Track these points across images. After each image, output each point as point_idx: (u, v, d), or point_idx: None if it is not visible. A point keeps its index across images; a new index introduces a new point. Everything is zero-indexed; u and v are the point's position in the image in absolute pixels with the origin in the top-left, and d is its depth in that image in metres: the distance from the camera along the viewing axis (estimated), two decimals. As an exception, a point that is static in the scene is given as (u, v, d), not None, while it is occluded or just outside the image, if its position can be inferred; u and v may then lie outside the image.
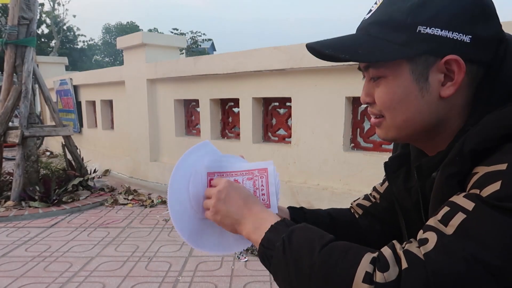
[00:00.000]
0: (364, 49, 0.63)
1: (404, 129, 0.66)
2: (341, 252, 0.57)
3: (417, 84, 0.62)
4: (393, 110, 0.65)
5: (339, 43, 0.66)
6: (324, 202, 2.88)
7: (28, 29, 3.73)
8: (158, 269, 2.29)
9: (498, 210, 0.48)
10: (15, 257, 2.48)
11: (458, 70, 0.59)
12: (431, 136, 0.67)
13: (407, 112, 0.64)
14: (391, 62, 0.62)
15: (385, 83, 0.64)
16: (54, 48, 23.47)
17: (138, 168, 4.70)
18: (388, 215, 0.87)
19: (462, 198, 0.53)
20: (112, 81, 5.11)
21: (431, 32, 0.58)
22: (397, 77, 0.63)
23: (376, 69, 0.65)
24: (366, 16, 0.67)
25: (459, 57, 0.58)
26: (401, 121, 0.65)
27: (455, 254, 0.48)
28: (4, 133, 3.72)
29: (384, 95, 0.65)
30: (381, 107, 0.66)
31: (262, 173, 0.83)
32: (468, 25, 0.58)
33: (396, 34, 0.60)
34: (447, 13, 0.58)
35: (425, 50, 0.59)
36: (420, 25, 0.59)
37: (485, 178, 0.52)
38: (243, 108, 3.52)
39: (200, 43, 34.07)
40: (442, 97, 0.62)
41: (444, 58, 0.59)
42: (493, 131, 0.55)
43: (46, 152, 7.22)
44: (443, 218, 0.53)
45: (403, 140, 0.71)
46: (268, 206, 0.81)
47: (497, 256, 0.46)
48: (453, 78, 0.60)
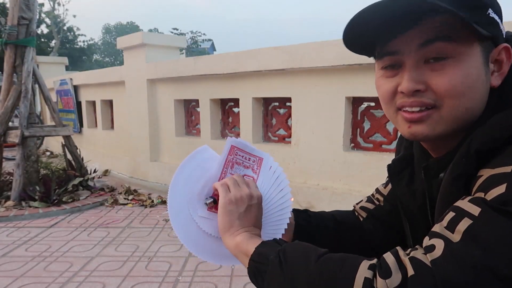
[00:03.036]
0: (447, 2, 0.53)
1: (460, 121, 0.59)
2: (338, 261, 0.56)
3: (484, 68, 0.58)
4: (461, 96, 0.57)
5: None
6: (324, 202, 2.88)
7: (27, 29, 3.73)
8: (158, 269, 2.29)
9: (504, 214, 0.47)
10: (15, 257, 2.48)
11: (507, 60, 0.59)
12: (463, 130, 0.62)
13: (473, 99, 0.58)
14: (465, 39, 0.56)
15: (454, 64, 0.57)
16: (54, 48, 23.46)
17: (138, 168, 4.70)
18: (392, 218, 0.86)
19: (467, 203, 0.52)
20: (112, 81, 5.11)
21: (494, 17, 0.58)
22: (471, 57, 0.57)
23: (448, 44, 0.56)
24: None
25: (510, 47, 0.58)
26: (463, 110, 0.58)
27: (463, 261, 0.47)
28: (4, 133, 3.72)
29: (454, 78, 0.57)
30: (445, 93, 0.58)
31: (258, 164, 0.83)
32: (501, 18, 0.59)
33: (472, 11, 0.55)
34: (497, 3, 0.59)
35: (493, 33, 0.57)
36: (491, 8, 0.57)
37: (490, 181, 0.51)
38: (243, 108, 3.52)
39: (200, 43, 34.07)
40: (493, 87, 0.60)
41: (500, 46, 0.59)
42: (498, 131, 0.54)
43: (46, 152, 7.22)
44: (449, 224, 0.52)
45: (444, 137, 0.62)
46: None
47: (505, 262, 0.45)
48: (501, 67, 0.60)
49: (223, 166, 0.80)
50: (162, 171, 4.36)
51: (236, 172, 0.81)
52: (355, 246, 0.89)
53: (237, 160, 0.81)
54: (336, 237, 0.88)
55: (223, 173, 0.80)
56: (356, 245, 0.89)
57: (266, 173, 0.84)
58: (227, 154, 0.81)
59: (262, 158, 0.84)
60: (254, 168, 0.83)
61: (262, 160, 0.84)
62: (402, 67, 0.61)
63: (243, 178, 0.78)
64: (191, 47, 32.13)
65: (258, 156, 0.84)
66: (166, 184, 4.20)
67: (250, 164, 0.83)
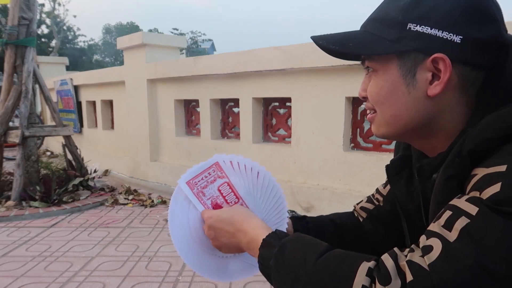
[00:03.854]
0: (355, 43, 0.65)
1: (393, 125, 0.67)
2: (335, 266, 0.56)
3: (404, 80, 0.63)
4: (381, 104, 0.66)
5: (335, 37, 0.68)
6: (324, 202, 2.88)
7: (28, 29, 3.73)
8: (158, 269, 2.29)
9: (500, 214, 0.47)
10: (16, 256, 2.48)
11: (444, 69, 0.59)
12: (424, 136, 0.67)
13: (394, 107, 0.65)
14: (382, 57, 0.64)
15: (375, 77, 0.66)
16: (54, 48, 23.45)
17: (138, 168, 4.70)
18: (392, 218, 0.86)
19: (464, 202, 0.52)
20: (112, 81, 5.11)
21: (420, 30, 0.59)
22: (386, 71, 0.64)
23: (370, 62, 0.67)
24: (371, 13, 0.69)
25: (446, 56, 0.58)
26: (389, 116, 0.66)
27: (459, 262, 0.47)
28: (4, 133, 3.72)
29: (373, 89, 0.67)
30: (371, 100, 0.68)
31: (218, 170, 0.83)
32: (459, 25, 0.58)
33: (389, 30, 0.62)
34: (438, 12, 0.59)
35: (414, 47, 0.60)
36: (411, 23, 0.60)
37: (485, 180, 0.51)
38: (243, 108, 3.52)
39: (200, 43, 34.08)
40: (429, 96, 0.62)
41: (431, 56, 0.59)
42: (492, 132, 0.54)
43: (47, 152, 7.23)
44: (447, 222, 0.52)
45: (394, 137, 0.71)
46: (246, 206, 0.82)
47: (502, 262, 0.46)
48: (440, 77, 0.60)
49: (199, 202, 0.82)
50: (162, 171, 4.36)
51: (209, 193, 0.82)
52: (356, 248, 0.89)
53: (201, 186, 0.82)
54: (336, 240, 0.88)
55: (204, 206, 0.82)
56: (358, 247, 0.89)
57: (236, 172, 0.84)
58: (191, 193, 0.82)
59: (216, 162, 0.83)
60: (219, 175, 0.83)
61: (217, 163, 0.83)
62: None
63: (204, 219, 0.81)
64: (191, 47, 32.14)
65: (211, 164, 0.83)
66: (166, 184, 4.20)
67: (213, 175, 0.83)
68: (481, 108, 0.60)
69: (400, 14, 0.61)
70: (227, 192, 0.82)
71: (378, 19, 0.65)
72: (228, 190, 0.82)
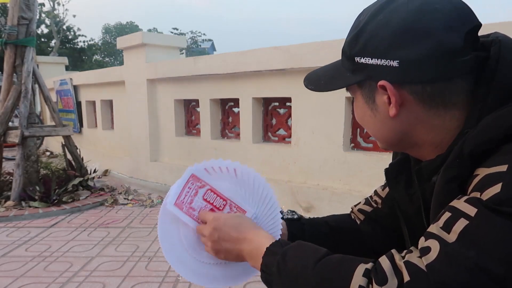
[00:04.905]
0: (325, 79, 0.73)
1: (381, 141, 0.74)
2: (333, 269, 0.57)
3: (368, 105, 0.68)
4: (363, 126, 0.74)
5: (317, 74, 0.77)
6: (324, 202, 2.88)
7: (27, 29, 3.73)
8: (158, 269, 2.29)
9: (500, 215, 0.47)
10: (15, 257, 2.48)
11: (391, 93, 0.62)
12: (410, 147, 0.70)
13: (370, 129, 0.72)
14: (351, 86, 0.70)
15: (354, 103, 0.73)
16: (54, 48, 23.43)
17: (138, 168, 4.70)
18: (390, 220, 0.86)
19: (463, 203, 0.52)
20: (112, 81, 5.11)
21: (364, 62, 0.64)
22: (356, 98, 0.71)
23: (349, 90, 0.73)
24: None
25: (387, 82, 0.61)
26: (373, 135, 0.73)
27: (458, 263, 0.47)
28: (4, 133, 3.71)
29: (355, 113, 0.75)
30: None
31: (196, 181, 0.83)
32: (392, 50, 0.60)
33: (347, 62, 0.68)
34: (374, 42, 0.62)
35: (364, 77, 0.65)
36: (356, 56, 0.65)
37: (486, 180, 0.51)
38: (243, 108, 3.52)
39: (200, 43, 34.07)
40: (392, 117, 0.65)
41: (378, 84, 0.63)
42: (492, 132, 0.54)
43: (46, 152, 7.22)
44: (445, 224, 0.52)
45: (390, 149, 0.76)
46: (244, 211, 0.83)
47: (500, 263, 0.45)
48: (391, 100, 0.63)
49: (192, 219, 0.82)
50: (162, 171, 4.36)
51: (197, 206, 0.82)
52: (354, 250, 0.89)
53: (188, 202, 0.82)
54: (332, 243, 0.88)
55: (198, 221, 0.83)
56: (355, 249, 0.89)
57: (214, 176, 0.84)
58: (182, 213, 0.82)
59: (191, 175, 0.83)
60: (199, 185, 0.83)
61: (193, 175, 0.83)
62: None
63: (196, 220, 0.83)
64: (191, 47, 32.14)
65: (187, 178, 0.83)
66: (166, 184, 4.20)
67: (193, 188, 0.83)
68: (477, 110, 0.60)
69: (348, 49, 0.67)
70: (213, 198, 0.83)
71: (342, 51, 0.70)
72: (213, 196, 0.83)
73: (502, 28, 0.76)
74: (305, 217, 0.96)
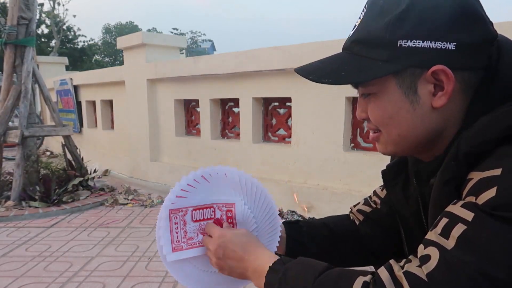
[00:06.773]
0: (347, 71, 0.63)
1: (401, 144, 0.65)
2: (332, 284, 0.57)
3: (407, 98, 0.61)
4: (386, 125, 0.64)
5: (322, 67, 0.66)
6: (324, 202, 2.88)
7: (27, 29, 3.72)
8: (158, 269, 2.29)
9: (497, 219, 0.47)
10: (15, 257, 2.48)
11: (447, 80, 0.58)
12: (429, 147, 0.66)
13: (400, 127, 0.63)
14: (378, 79, 0.61)
15: (375, 100, 0.64)
16: (54, 48, 23.43)
17: (138, 168, 4.70)
18: (390, 221, 0.85)
19: (460, 208, 0.52)
20: (112, 81, 5.11)
21: (412, 45, 0.57)
22: (385, 93, 0.62)
23: (364, 87, 0.65)
24: (351, 32, 0.66)
25: (446, 67, 0.57)
26: (396, 136, 0.64)
27: (458, 270, 0.46)
28: (4, 133, 3.71)
29: (375, 112, 0.65)
30: (375, 123, 0.66)
31: (176, 213, 0.80)
32: (451, 33, 0.57)
33: (378, 50, 0.60)
34: (426, 24, 0.57)
35: (409, 63, 0.59)
36: (400, 39, 0.58)
37: (480, 184, 0.51)
38: (243, 108, 3.52)
39: (200, 43, 34.06)
40: (435, 108, 0.60)
41: (430, 69, 0.58)
42: (486, 134, 0.54)
43: (46, 152, 7.22)
44: (443, 230, 0.51)
45: (403, 153, 0.70)
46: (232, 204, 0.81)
47: (500, 267, 0.45)
48: (444, 87, 0.59)
49: (196, 249, 0.81)
50: (162, 171, 4.36)
51: (193, 232, 0.80)
52: (353, 251, 0.89)
53: (183, 237, 0.80)
54: (331, 244, 0.88)
55: (201, 245, 0.81)
56: (354, 250, 0.89)
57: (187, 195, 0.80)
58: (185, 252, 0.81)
59: (168, 211, 0.79)
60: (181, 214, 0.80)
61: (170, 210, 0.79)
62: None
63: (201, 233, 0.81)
64: (191, 47, 32.14)
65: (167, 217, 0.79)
66: (166, 184, 4.20)
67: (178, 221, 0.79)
68: (476, 109, 0.59)
69: (387, 33, 0.59)
70: (200, 215, 0.80)
71: (363, 40, 0.62)
72: (199, 213, 0.80)
73: (502, 28, 0.76)
74: (305, 217, 0.96)
